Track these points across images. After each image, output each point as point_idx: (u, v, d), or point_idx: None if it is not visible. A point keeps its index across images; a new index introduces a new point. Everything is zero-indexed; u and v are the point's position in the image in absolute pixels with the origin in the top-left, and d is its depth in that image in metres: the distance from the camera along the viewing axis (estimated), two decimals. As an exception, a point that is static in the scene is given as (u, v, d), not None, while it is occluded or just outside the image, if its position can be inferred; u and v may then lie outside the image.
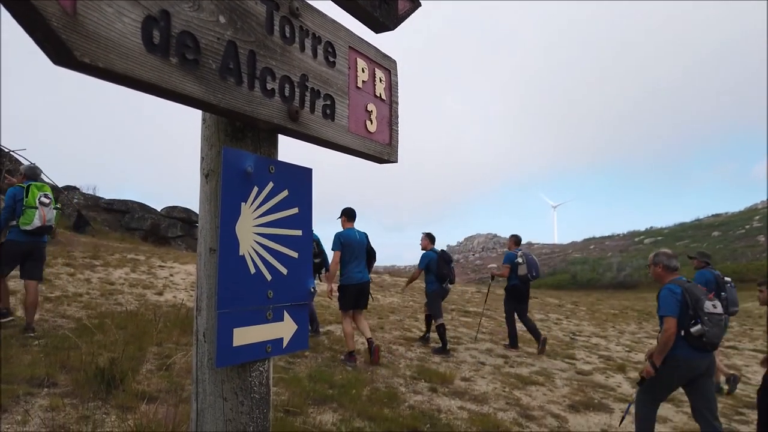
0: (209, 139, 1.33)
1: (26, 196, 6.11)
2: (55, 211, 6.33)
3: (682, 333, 4.30)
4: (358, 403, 4.95)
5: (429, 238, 8.57)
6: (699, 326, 4.21)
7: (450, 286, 8.44)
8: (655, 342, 7.91)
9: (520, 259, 8.68)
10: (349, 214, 7.01)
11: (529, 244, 67.92)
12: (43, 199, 6.17)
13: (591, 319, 15.12)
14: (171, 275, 11.61)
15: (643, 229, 61.42)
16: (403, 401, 5.29)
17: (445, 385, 6.06)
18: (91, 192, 22.54)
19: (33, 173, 6.66)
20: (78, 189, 21.90)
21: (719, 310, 4.32)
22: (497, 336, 9.74)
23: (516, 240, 9.25)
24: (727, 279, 7.31)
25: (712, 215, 58.83)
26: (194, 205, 24.23)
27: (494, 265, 8.76)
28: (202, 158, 1.34)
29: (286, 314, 1.35)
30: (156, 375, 4.92)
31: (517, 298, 8.73)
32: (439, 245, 8.78)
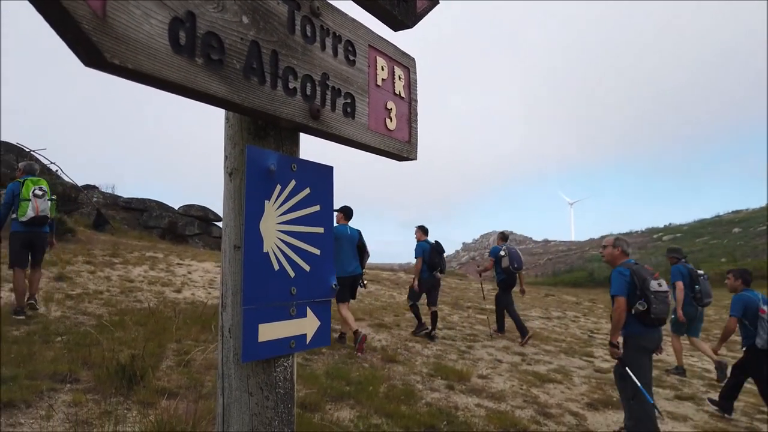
0: (233, 138, 1.34)
1: (22, 190, 6.62)
2: (49, 202, 6.80)
3: (633, 312, 4.69)
4: (375, 400, 4.97)
5: (422, 230, 9.14)
6: (642, 302, 4.62)
7: (440, 275, 9.01)
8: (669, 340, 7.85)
9: (503, 252, 9.49)
10: (346, 212, 7.55)
11: (546, 242, 67.41)
12: (37, 192, 6.66)
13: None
14: (189, 273, 11.74)
15: (661, 225, 60.61)
16: (420, 398, 5.30)
17: (462, 383, 6.06)
18: (109, 191, 22.88)
19: (30, 168, 7.13)
20: (97, 188, 22.23)
21: (664, 288, 4.71)
22: (513, 333, 9.70)
23: (503, 236, 10.01)
24: (701, 272, 7.83)
25: (733, 211, 57.77)
26: (211, 204, 24.45)
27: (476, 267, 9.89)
28: (226, 157, 1.35)
29: (309, 310, 1.36)
30: (175, 371, 4.99)
31: (507, 288, 9.48)
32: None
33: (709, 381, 7.51)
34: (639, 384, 4.58)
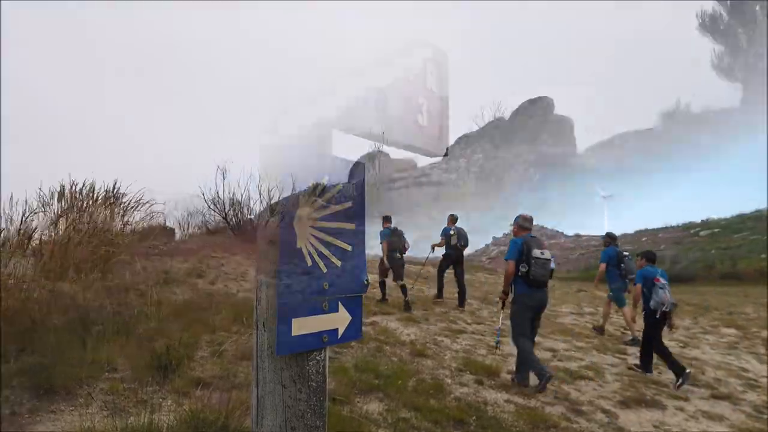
0: (266, 134, 1.36)
1: None
2: None
3: (519, 274, 5.74)
4: (403, 394, 4.99)
5: (386, 219, 11.11)
6: (524, 265, 5.70)
7: (400, 255, 10.67)
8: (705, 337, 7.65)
9: (452, 232, 11.21)
10: None
11: (577, 236, 66.17)
12: None
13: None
14: (221, 265, 11.94)
15: (699, 220, 58.75)
16: (448, 393, 5.30)
17: (492, 378, 6.03)
18: (145, 184, 23.37)
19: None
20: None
21: (546, 256, 5.81)
22: (545, 330, 9.60)
23: (453, 219, 11.55)
24: (626, 253, 9.67)
25: (774, 206, 55.53)
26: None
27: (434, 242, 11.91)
28: (260, 153, 1.37)
29: (340, 305, 1.38)
30: (209, 361, 5.10)
31: (450, 262, 11.37)
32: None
33: (746, 380, 7.31)
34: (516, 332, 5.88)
